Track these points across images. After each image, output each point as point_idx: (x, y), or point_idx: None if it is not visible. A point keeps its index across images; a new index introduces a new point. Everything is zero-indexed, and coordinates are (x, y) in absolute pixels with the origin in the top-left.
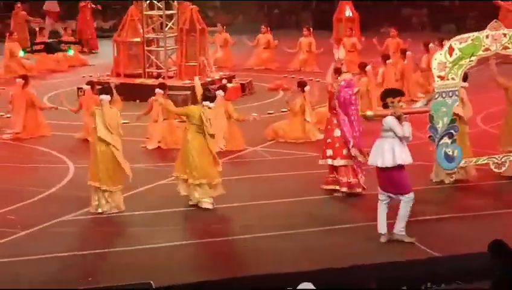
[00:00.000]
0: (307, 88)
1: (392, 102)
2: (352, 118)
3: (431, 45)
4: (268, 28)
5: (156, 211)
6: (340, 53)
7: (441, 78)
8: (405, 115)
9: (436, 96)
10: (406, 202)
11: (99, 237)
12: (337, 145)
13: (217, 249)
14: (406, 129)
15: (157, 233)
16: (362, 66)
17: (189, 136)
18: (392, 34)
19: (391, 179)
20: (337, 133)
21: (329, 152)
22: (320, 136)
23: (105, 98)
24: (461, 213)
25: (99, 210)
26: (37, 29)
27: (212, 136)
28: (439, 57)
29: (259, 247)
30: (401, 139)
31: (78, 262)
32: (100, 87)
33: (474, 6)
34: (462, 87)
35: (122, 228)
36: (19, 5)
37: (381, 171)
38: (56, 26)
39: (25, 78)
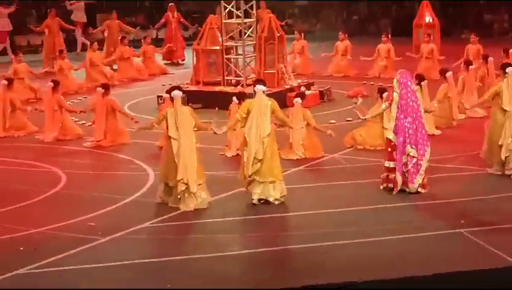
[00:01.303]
0: (385, 94)
1: None
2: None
3: (511, 50)
4: (346, 35)
5: (235, 218)
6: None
7: None
8: None
9: None
10: None
11: (179, 244)
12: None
13: (295, 257)
14: None
15: (235, 240)
16: (443, 72)
17: None
18: (472, 40)
19: None
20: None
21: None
22: None
23: (178, 93)
24: None
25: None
26: (119, 38)
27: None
28: None
29: (337, 255)
30: None
31: (158, 269)
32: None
33: None
34: None
35: (201, 234)
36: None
37: None
38: (82, 37)
39: (105, 86)
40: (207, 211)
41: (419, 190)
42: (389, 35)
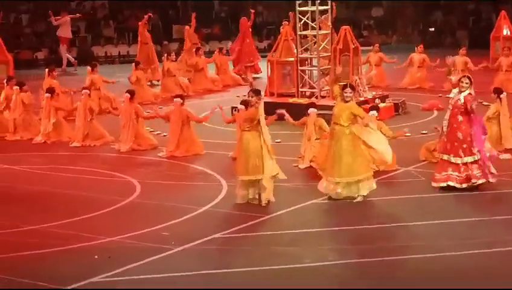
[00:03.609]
0: (503, 95)
1: None
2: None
3: None
4: (422, 47)
5: (307, 230)
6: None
7: None
8: None
9: None
10: None
11: (251, 255)
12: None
13: (369, 270)
14: None
15: (308, 252)
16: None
17: None
18: None
19: None
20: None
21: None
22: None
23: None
24: None
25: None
26: (194, 49)
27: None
28: None
29: (410, 269)
30: None
31: (229, 279)
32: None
33: None
34: None
35: (272, 246)
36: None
37: None
38: (67, 53)
39: (181, 97)
40: (280, 222)
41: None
42: (465, 48)
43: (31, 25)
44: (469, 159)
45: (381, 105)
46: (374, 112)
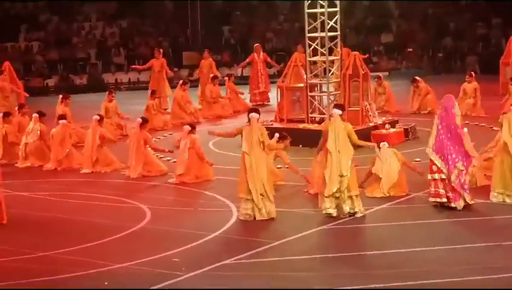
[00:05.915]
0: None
1: None
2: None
3: None
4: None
5: (318, 256)
6: None
7: None
8: None
9: None
10: None
11: (260, 281)
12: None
13: None
14: None
15: (318, 278)
16: None
17: None
18: None
19: None
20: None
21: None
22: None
23: (255, 115)
24: None
25: (258, 216)
26: (211, 77)
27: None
28: None
29: None
30: None
31: None
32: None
33: None
34: None
35: (284, 272)
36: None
37: None
38: None
39: (191, 125)
40: (290, 248)
41: (469, 202)
42: (473, 74)
43: (42, 53)
44: None
45: (391, 130)
46: (385, 143)
